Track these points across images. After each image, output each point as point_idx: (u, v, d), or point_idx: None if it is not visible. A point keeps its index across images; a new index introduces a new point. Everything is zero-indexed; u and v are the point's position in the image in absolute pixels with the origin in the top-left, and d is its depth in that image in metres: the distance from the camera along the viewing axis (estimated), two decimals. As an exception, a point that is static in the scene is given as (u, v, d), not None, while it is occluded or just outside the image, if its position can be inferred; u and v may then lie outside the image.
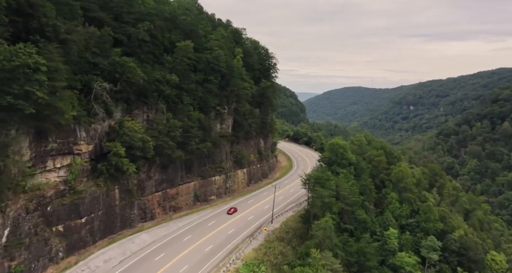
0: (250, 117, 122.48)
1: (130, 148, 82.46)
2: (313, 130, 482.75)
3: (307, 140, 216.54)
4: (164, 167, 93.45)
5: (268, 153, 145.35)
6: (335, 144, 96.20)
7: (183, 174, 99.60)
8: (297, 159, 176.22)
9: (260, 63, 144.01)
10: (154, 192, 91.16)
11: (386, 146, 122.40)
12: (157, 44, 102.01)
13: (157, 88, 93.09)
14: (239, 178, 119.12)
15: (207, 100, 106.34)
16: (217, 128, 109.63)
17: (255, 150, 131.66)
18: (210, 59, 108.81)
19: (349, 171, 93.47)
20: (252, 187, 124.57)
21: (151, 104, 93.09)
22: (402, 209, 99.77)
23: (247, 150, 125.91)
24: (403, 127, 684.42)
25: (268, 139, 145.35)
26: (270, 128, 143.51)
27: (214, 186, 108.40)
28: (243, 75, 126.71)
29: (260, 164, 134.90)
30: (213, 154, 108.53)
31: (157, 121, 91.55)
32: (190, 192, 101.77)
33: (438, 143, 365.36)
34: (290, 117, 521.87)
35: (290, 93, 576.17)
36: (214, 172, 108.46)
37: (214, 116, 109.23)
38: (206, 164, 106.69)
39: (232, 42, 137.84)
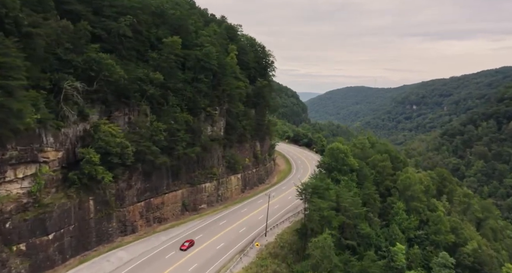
0: (245, 119, 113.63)
1: (107, 155, 73.79)
2: (315, 130, 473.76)
3: (307, 142, 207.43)
4: (148, 174, 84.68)
5: (265, 157, 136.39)
6: (335, 148, 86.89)
7: (170, 182, 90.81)
8: (296, 162, 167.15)
9: (256, 61, 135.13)
10: (136, 202, 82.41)
11: (391, 149, 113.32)
12: (142, 40, 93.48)
13: (140, 87, 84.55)
14: (232, 184, 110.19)
15: (196, 100, 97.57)
16: (207, 131, 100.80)
17: (251, 154, 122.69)
18: (200, 56, 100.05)
19: (351, 178, 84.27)
20: (247, 194, 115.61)
21: (133, 105, 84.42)
22: (410, 220, 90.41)
23: (242, 154, 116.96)
24: (406, 127, 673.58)
25: (265, 142, 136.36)
26: (267, 130, 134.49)
27: (204, 193, 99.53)
28: (237, 74, 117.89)
29: (256, 169, 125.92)
30: (203, 159, 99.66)
31: (139, 124, 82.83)
32: (178, 201, 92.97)
33: (443, 143, 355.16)
34: (291, 117, 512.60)
35: (291, 93, 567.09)
36: (204, 178, 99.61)
37: (204, 118, 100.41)
38: (196, 170, 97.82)
39: (226, 39, 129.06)
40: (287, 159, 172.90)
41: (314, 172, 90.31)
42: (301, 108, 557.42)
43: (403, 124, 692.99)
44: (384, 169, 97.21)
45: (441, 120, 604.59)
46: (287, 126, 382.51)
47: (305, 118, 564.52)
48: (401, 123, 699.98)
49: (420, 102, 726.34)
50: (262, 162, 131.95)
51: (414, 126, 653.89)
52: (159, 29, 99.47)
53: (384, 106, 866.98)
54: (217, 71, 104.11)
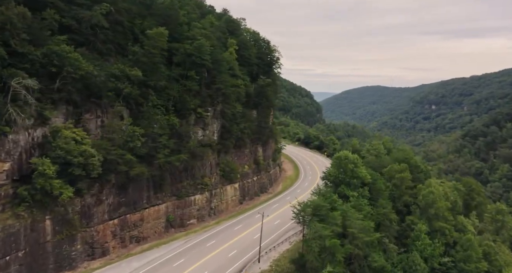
0: (243, 121, 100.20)
1: (68, 165, 61.59)
2: (329, 131, 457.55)
3: (318, 144, 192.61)
4: (123, 187, 72.16)
5: (269, 163, 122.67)
6: (343, 157, 72.26)
7: (151, 195, 78.11)
8: (305, 167, 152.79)
9: (259, 57, 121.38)
10: (107, 220, 69.91)
11: (411, 156, 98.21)
12: (123, 32, 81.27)
13: (115, 85, 72.22)
14: (228, 195, 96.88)
15: (184, 100, 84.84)
16: (198, 136, 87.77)
17: (251, 160, 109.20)
18: (190, 50, 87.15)
19: (362, 193, 69.63)
20: (246, 206, 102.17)
21: (107, 107, 72.02)
22: (434, 246, 75.09)
23: (240, 161, 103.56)
24: (425, 127, 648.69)
25: (268, 146, 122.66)
26: (271, 132, 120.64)
27: (193, 207, 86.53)
28: (236, 71, 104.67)
29: (258, 177, 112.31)
30: (193, 168, 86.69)
31: (112, 128, 70.32)
32: (161, 217, 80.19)
33: (464, 145, 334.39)
34: (305, 118, 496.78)
35: (305, 92, 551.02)
36: (193, 190, 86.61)
37: (195, 121, 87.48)
38: (183, 180, 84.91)
39: (226, 33, 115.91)
40: (295, 164, 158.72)
41: (317, 185, 75.62)
42: (315, 108, 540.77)
43: (422, 125, 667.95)
44: (403, 181, 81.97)
45: (462, 120, 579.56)
46: (300, 127, 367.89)
47: (320, 118, 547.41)
48: (419, 124, 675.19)
49: (439, 101, 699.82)
50: (265, 169, 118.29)
51: (433, 127, 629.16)
52: (145, 20, 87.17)
53: (402, 106, 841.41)
54: (210, 67, 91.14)
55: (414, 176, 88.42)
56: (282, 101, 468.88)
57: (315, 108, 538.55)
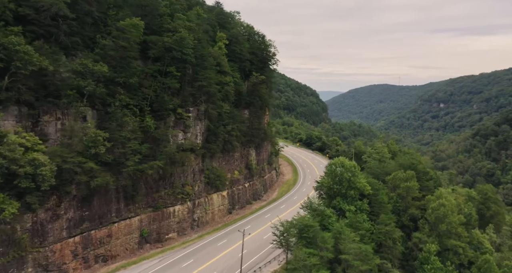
0: (231, 122, 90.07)
1: (13, 176, 52.30)
2: (335, 130, 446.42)
3: (320, 146, 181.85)
4: (86, 199, 62.66)
5: (263, 167, 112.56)
6: (338, 164, 61.58)
7: (121, 207, 68.51)
8: (304, 171, 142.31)
9: (253, 53, 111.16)
10: (66, 238, 60.44)
11: (418, 161, 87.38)
12: (95, 24, 71.90)
13: (77, 83, 62.80)
14: (214, 205, 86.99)
15: (163, 100, 75.05)
16: (178, 139, 77.92)
17: (242, 165, 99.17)
18: (169, 44, 77.41)
19: (361, 207, 59.03)
20: (236, 216, 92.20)
21: (67, 107, 62.50)
22: (446, 270, 63.81)
23: (229, 166, 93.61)
24: (433, 126, 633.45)
25: (262, 149, 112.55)
26: (265, 134, 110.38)
27: (173, 219, 76.77)
28: (226, 67, 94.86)
29: (250, 183, 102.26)
30: (172, 175, 76.95)
31: (71, 132, 60.83)
32: (134, 231, 70.55)
33: (475, 145, 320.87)
34: (310, 117, 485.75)
35: (310, 91, 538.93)
36: (173, 200, 76.85)
37: (174, 122, 77.61)
38: (160, 189, 75.21)
39: (216, 26, 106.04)
40: (294, 167, 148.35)
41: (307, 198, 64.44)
42: (321, 107, 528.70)
43: (430, 123, 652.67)
44: (409, 191, 71.13)
45: (471, 119, 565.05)
46: (304, 127, 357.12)
47: (325, 117, 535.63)
48: (427, 122, 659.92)
49: (447, 100, 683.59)
50: (259, 174, 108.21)
51: (441, 125, 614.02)
52: (121, 10, 77.61)
53: (409, 105, 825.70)
54: (192, 63, 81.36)
55: (422, 185, 77.45)
56: (287, 100, 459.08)
57: (320, 107, 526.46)
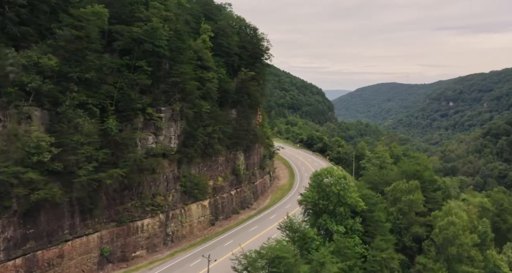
0: (213, 123, 79.72)
1: None
2: (340, 130, 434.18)
3: (321, 147, 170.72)
4: (30, 214, 52.92)
5: (254, 172, 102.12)
6: (324, 175, 50.30)
7: (76, 222, 58.63)
8: (302, 174, 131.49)
9: (243, 47, 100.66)
10: (5, 261, 50.70)
11: (425, 166, 76.13)
12: (54, 12, 62.24)
13: (20, 79, 53.28)
14: (193, 216, 76.82)
15: (129, 98, 65.01)
16: (147, 143, 67.82)
17: (227, 171, 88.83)
18: (138, 35, 67.45)
19: (352, 227, 48.06)
20: (219, 228, 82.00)
21: (9, 107, 52.92)
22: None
23: (211, 172, 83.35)
24: (442, 125, 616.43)
25: (253, 152, 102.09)
26: (254, 136, 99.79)
27: (141, 235, 66.75)
28: (210, 62, 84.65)
29: (237, 190, 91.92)
30: (140, 185, 66.89)
31: (8, 137, 51.14)
32: (92, 250, 60.64)
33: (486, 145, 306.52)
34: (316, 116, 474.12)
35: (316, 90, 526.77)
36: (141, 212, 66.83)
37: (143, 124, 67.48)
38: (126, 201, 65.23)
39: (201, 18, 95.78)
40: (291, 170, 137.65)
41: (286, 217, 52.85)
42: (326, 106, 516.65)
43: (439, 122, 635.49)
44: (412, 206, 59.91)
45: (481, 117, 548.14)
46: (309, 126, 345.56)
47: (331, 116, 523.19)
48: (436, 121, 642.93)
49: (457, 98, 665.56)
50: (248, 180, 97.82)
51: (450, 124, 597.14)
52: (85, -1, 67.82)
53: (418, 103, 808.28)
54: (166, 56, 71.28)
55: (428, 196, 66.12)
56: (292, 99, 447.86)
57: (326, 106, 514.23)
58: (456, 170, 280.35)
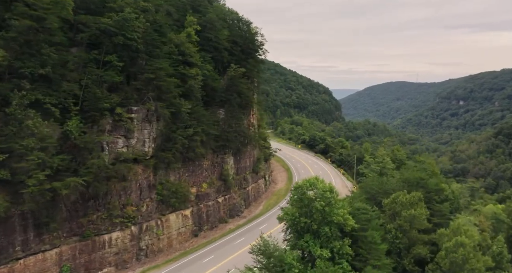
0: (195, 124, 71.92)
1: None
2: (347, 129, 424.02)
3: (324, 148, 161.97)
4: (-31, 231, 45.62)
5: (246, 177, 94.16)
6: (307, 187, 41.57)
7: (29, 237, 51.25)
8: (301, 177, 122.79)
9: (234, 41, 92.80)
10: None
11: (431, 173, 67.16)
12: (6, 1, 55.12)
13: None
14: (172, 228, 69.09)
15: (94, 97, 57.57)
16: (117, 147, 60.29)
17: (213, 176, 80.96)
18: (107, 26, 60.03)
19: (340, 250, 39.30)
20: (202, 239, 74.15)
21: None
22: None
23: (194, 178, 75.56)
24: (452, 124, 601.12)
25: (245, 155, 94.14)
26: (246, 138, 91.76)
27: (109, 250, 59.19)
28: (194, 57, 76.98)
29: (225, 197, 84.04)
30: (108, 194, 59.33)
31: None
32: (49, 268, 53.25)
33: (497, 145, 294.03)
34: (322, 116, 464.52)
35: (323, 89, 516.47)
36: (109, 225, 59.29)
37: (112, 126, 59.95)
38: (90, 212, 57.73)
39: (187, 10, 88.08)
40: (290, 173, 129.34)
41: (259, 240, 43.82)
42: (333, 105, 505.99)
43: (449, 121, 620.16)
44: (413, 222, 51.18)
45: (492, 116, 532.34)
46: (314, 126, 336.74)
47: (339, 116, 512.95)
48: (446, 120, 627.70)
49: (467, 97, 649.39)
50: (239, 185, 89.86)
51: (461, 124, 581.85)
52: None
53: (427, 102, 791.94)
54: (140, 50, 63.74)
55: (434, 209, 56.95)
56: (298, 98, 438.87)
57: (333, 105, 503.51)
58: (467, 171, 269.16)
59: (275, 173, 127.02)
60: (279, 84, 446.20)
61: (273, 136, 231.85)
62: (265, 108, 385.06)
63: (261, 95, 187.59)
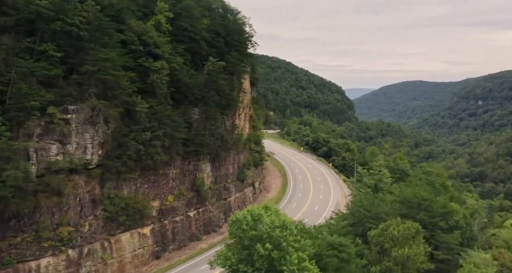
0: (156, 126, 60.28)
1: None
2: (360, 130, 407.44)
3: (326, 151, 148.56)
4: None
5: (227, 186, 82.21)
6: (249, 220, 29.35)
7: None
8: (297, 185, 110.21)
9: (215, 31, 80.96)
10: None
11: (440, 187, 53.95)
12: None
13: None
14: (124, 250, 57.65)
15: (20, 93, 46.69)
16: (49, 155, 49.07)
17: (182, 187, 69.19)
18: (38, 8, 49.16)
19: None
20: (165, 262, 62.47)
21: None
22: None
23: (156, 190, 63.95)
24: (470, 125, 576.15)
25: (226, 162, 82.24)
26: (224, 142, 79.60)
27: (36, 281, 48.00)
28: (162, 48, 65.54)
29: (199, 210, 72.25)
30: (36, 212, 48.21)
31: None
32: (-50, 308, 42.42)
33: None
34: (334, 115, 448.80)
35: (335, 88, 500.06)
36: (37, 249, 48.15)
37: (44, 129, 48.81)
38: (11, 234, 46.67)
39: None
40: (286, 178, 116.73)
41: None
42: (346, 105, 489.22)
43: (467, 122, 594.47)
44: (406, 265, 37.62)
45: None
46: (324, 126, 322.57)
47: (351, 115, 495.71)
48: (464, 121, 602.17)
49: (486, 96, 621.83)
50: (217, 196, 78.07)
51: (479, 124, 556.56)
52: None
53: (445, 102, 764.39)
54: (84, 38, 52.53)
55: (439, 240, 43.47)
56: (309, 98, 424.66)
57: (346, 105, 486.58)
58: (485, 175, 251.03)
59: (269, 178, 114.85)
60: (290, 83, 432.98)
61: (278, 137, 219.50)
62: (274, 108, 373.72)
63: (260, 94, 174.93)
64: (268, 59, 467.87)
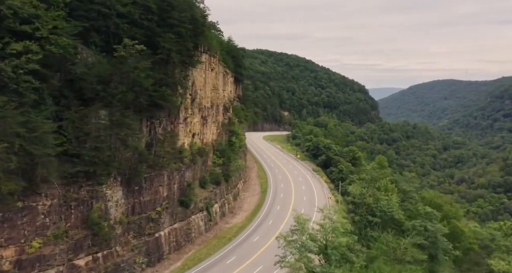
0: None
1: None
2: (382, 132, 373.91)
3: (325, 160, 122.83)
4: None
5: (152, 217, 59.29)
6: None
7: None
8: (274, 204, 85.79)
9: (145, 7, 58.36)
10: None
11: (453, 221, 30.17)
12: None
13: None
14: None
15: None
16: None
17: (65, 224, 46.51)
18: None
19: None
20: None
21: None
22: None
23: (12, 233, 41.81)
24: (505, 126, 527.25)
25: (156, 181, 59.29)
26: (141, 156, 56.52)
27: None
28: (30, 26, 43.51)
29: (96, 255, 49.71)
30: None
31: None
32: None
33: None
34: (356, 116, 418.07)
35: (358, 87, 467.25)
36: None
37: None
38: None
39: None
40: (265, 196, 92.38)
41: None
42: (369, 104, 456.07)
43: (501, 123, 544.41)
44: None
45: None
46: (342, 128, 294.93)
47: (375, 116, 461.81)
48: (498, 122, 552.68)
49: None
50: (135, 232, 55.30)
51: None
52: None
53: (478, 102, 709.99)
54: None
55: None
56: (328, 97, 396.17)
57: (369, 105, 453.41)
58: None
59: (245, 196, 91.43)
60: (309, 81, 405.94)
61: (283, 140, 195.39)
62: (289, 108, 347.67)
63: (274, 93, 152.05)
64: (286, 57, 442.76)
